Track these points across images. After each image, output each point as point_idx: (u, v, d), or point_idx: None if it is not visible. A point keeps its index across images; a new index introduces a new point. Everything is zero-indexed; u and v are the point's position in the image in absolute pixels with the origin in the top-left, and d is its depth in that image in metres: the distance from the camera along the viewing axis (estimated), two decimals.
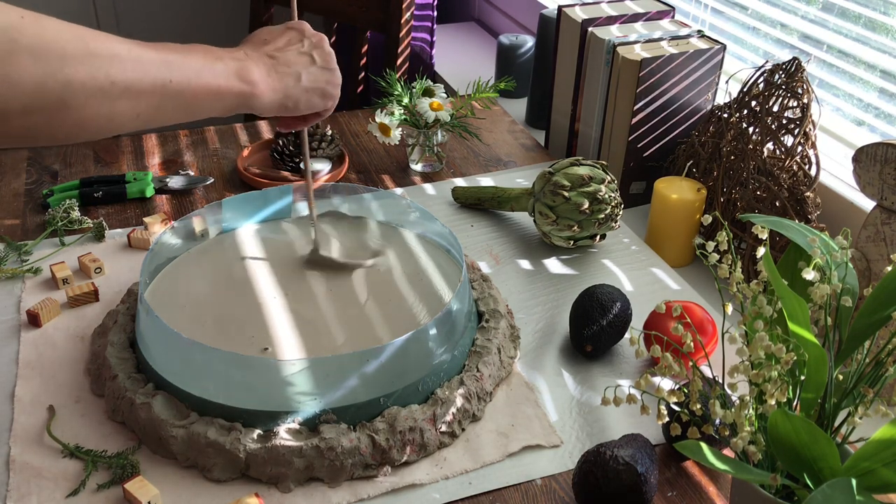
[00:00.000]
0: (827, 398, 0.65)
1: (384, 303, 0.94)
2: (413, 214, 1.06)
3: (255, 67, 0.76)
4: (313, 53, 0.82)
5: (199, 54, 0.72)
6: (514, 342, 0.95)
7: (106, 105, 0.63)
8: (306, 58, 0.81)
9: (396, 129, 1.25)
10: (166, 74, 0.67)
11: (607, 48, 1.21)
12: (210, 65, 0.72)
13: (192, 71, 0.70)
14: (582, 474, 0.74)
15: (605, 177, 1.09)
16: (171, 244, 1.00)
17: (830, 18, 1.19)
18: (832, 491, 0.54)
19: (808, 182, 1.06)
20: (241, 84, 0.74)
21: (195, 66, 0.71)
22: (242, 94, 0.75)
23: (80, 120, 0.63)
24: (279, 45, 0.81)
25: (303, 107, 0.82)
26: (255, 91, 0.76)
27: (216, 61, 0.73)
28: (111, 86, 0.63)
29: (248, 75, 0.75)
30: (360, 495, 0.77)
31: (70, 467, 0.79)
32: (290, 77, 0.80)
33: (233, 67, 0.74)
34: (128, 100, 0.65)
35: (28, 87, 0.58)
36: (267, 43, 0.81)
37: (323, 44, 0.84)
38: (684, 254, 1.14)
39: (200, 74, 0.71)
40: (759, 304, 0.64)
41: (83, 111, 0.62)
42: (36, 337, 0.95)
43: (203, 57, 0.72)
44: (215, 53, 0.74)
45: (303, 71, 0.81)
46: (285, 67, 0.79)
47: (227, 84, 0.73)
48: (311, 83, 0.81)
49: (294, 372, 0.80)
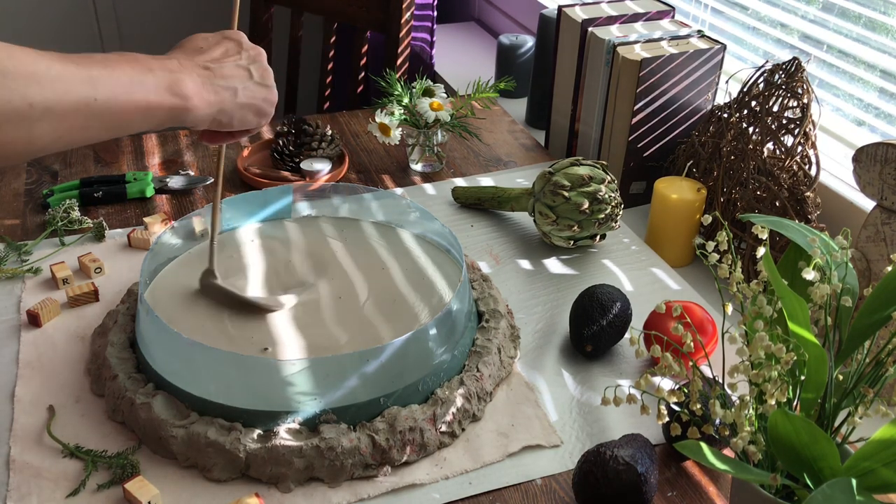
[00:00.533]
0: (827, 398, 0.65)
1: (384, 303, 0.94)
2: (413, 214, 1.06)
3: (189, 79, 0.72)
4: (251, 68, 0.78)
5: (126, 66, 0.67)
6: (514, 342, 0.95)
7: (23, 129, 0.59)
8: (244, 72, 0.77)
9: (396, 129, 1.25)
10: (90, 92, 0.63)
11: (607, 48, 1.21)
12: (139, 78, 0.67)
13: (119, 87, 0.65)
14: (582, 474, 0.74)
15: (605, 177, 1.09)
16: (171, 244, 1.00)
17: (830, 18, 1.19)
18: (832, 491, 0.54)
19: (808, 182, 1.06)
20: (174, 98, 0.70)
21: (123, 80, 0.66)
22: (175, 108, 0.70)
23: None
24: (215, 55, 0.76)
25: (236, 123, 0.78)
26: (188, 105, 0.71)
27: (146, 73, 0.68)
28: (29, 109, 0.59)
29: (181, 88, 0.70)
30: (360, 495, 0.77)
31: (70, 467, 0.79)
32: (226, 91, 0.75)
33: (164, 80, 0.69)
34: (49, 122, 0.61)
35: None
36: (202, 52, 0.76)
37: (261, 58, 0.80)
38: (684, 254, 1.14)
39: (129, 90, 0.66)
40: (759, 304, 0.64)
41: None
42: (36, 337, 0.95)
43: (131, 69, 0.67)
44: (145, 64, 0.69)
45: (239, 86, 0.76)
46: (221, 80, 0.75)
47: (157, 99, 0.69)
48: (247, 99, 0.77)
49: (294, 372, 0.80)
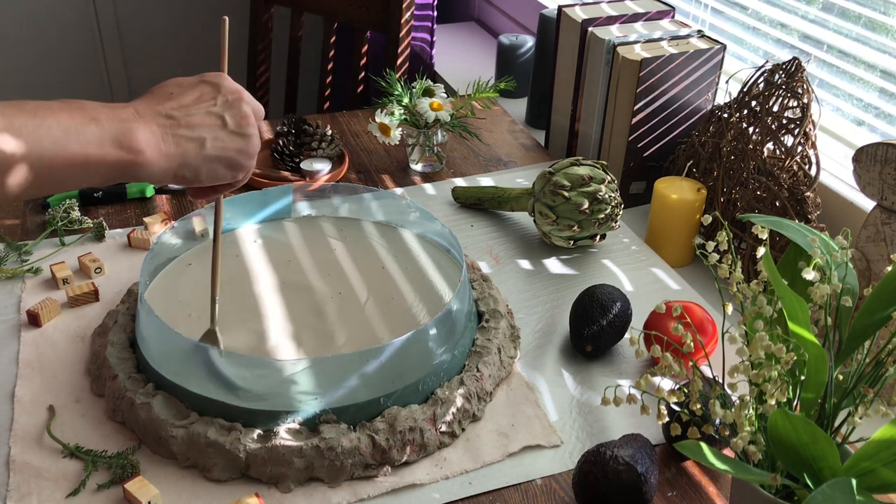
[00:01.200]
0: (827, 398, 0.65)
1: (384, 303, 0.94)
2: (413, 214, 1.06)
3: (144, 129, 0.65)
4: (226, 115, 0.70)
5: (63, 116, 0.60)
6: (514, 342, 0.95)
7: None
8: (216, 119, 0.69)
9: (396, 129, 1.25)
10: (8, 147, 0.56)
11: (607, 48, 1.22)
12: (77, 129, 0.60)
13: (48, 139, 0.58)
14: (582, 474, 0.74)
15: (605, 177, 1.09)
16: (171, 244, 1.00)
17: (830, 18, 1.19)
18: (832, 491, 0.54)
19: (808, 182, 1.06)
20: (119, 151, 0.63)
21: (55, 132, 0.59)
22: (121, 162, 0.63)
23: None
24: (185, 101, 0.69)
25: (203, 178, 0.70)
26: (138, 160, 0.64)
27: (87, 123, 0.61)
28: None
29: (131, 141, 0.63)
30: (360, 495, 0.77)
31: (70, 467, 0.79)
32: (190, 142, 0.68)
33: (110, 131, 0.62)
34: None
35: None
36: (171, 98, 0.68)
37: (240, 104, 0.71)
38: (684, 254, 1.14)
39: (61, 143, 0.59)
40: (759, 304, 0.64)
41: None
42: (36, 337, 0.95)
43: (69, 118, 0.60)
44: (91, 113, 0.62)
45: (208, 136, 0.68)
46: (186, 130, 0.67)
47: (98, 152, 0.61)
48: (216, 151, 0.69)
49: (294, 372, 0.80)
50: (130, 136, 0.64)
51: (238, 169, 0.72)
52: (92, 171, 0.62)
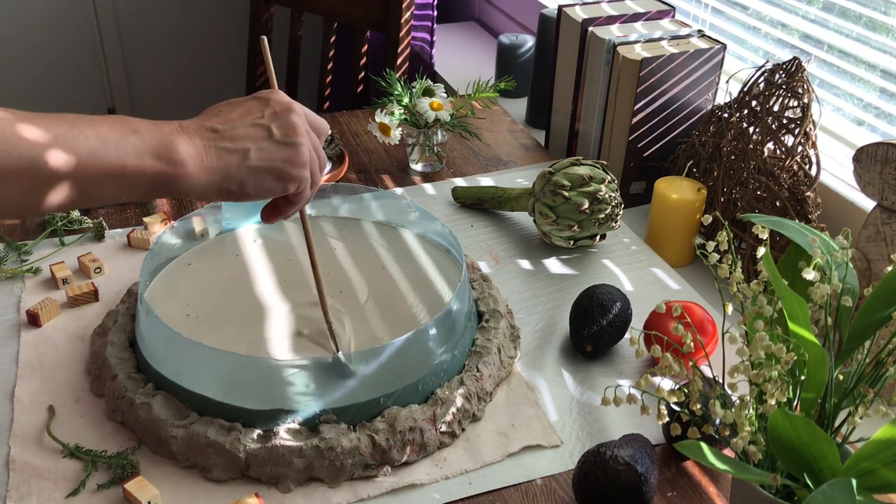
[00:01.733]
0: (827, 398, 0.65)
1: (384, 303, 0.94)
2: (413, 214, 1.06)
3: (186, 142, 0.63)
4: (272, 125, 0.67)
5: (104, 127, 0.59)
6: (514, 342, 0.95)
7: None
8: (261, 131, 0.67)
9: (396, 129, 1.25)
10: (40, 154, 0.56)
11: (607, 48, 1.21)
12: (117, 140, 0.59)
13: (84, 148, 0.57)
14: (582, 474, 0.74)
15: (605, 177, 1.09)
16: (171, 244, 1.00)
17: (831, 18, 1.19)
18: (832, 491, 0.54)
19: (808, 182, 1.06)
20: (158, 163, 0.61)
21: (92, 141, 0.58)
22: (161, 174, 0.62)
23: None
24: (232, 116, 0.67)
25: (251, 191, 0.67)
26: (179, 172, 0.62)
27: (128, 135, 0.60)
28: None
29: (171, 152, 0.62)
30: (360, 495, 0.77)
31: (70, 467, 0.79)
32: (233, 154, 0.65)
33: (150, 143, 0.61)
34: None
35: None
36: (219, 114, 0.67)
37: (289, 115, 0.69)
38: (684, 254, 1.14)
39: (97, 152, 0.58)
40: (759, 304, 0.64)
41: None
42: (36, 337, 0.95)
43: (109, 130, 0.60)
44: (132, 126, 0.61)
45: (252, 146, 0.66)
46: (229, 143, 0.65)
47: (136, 163, 0.60)
48: (261, 161, 0.66)
49: (294, 372, 0.80)
50: (171, 148, 0.62)
51: (287, 180, 0.69)
52: (130, 182, 0.61)
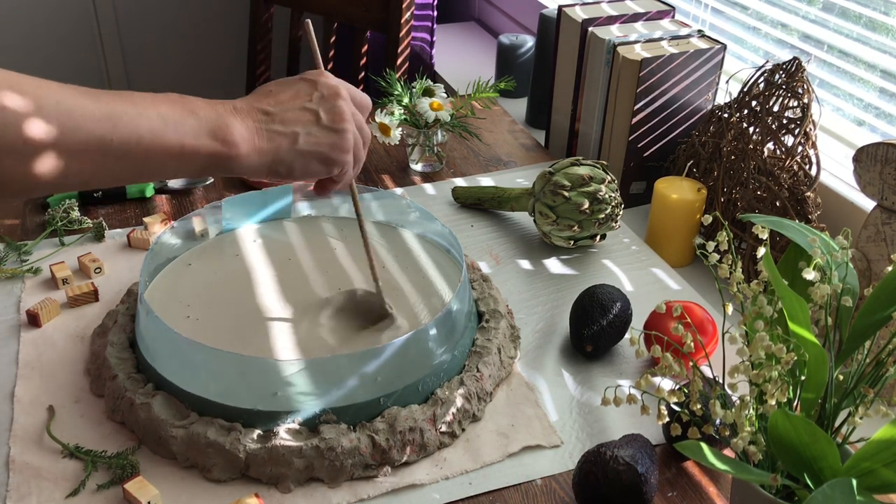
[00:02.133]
0: (827, 398, 0.65)
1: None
2: (413, 214, 1.06)
3: (240, 124, 0.66)
4: (320, 110, 0.70)
5: (164, 106, 0.62)
6: (514, 342, 0.95)
7: (20, 166, 0.56)
8: (310, 115, 0.70)
9: (396, 129, 1.25)
10: (107, 131, 0.58)
11: (607, 48, 1.21)
12: (177, 119, 0.62)
13: (146, 127, 0.60)
14: (582, 474, 0.74)
15: (605, 177, 1.09)
16: (171, 244, 1.00)
17: (831, 18, 1.19)
18: (832, 491, 0.54)
19: (808, 182, 1.06)
20: (215, 143, 0.64)
21: (154, 121, 0.61)
22: (216, 154, 0.64)
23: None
24: (282, 98, 0.70)
25: (298, 173, 0.71)
26: (233, 153, 0.65)
27: (187, 116, 0.63)
28: (23, 145, 0.55)
29: (226, 134, 0.64)
30: (360, 495, 0.77)
31: (70, 467, 0.79)
32: (283, 137, 0.68)
33: (208, 124, 0.64)
34: (52, 160, 0.57)
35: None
36: (269, 95, 0.70)
37: (336, 100, 0.71)
38: (684, 254, 1.14)
39: (159, 131, 0.61)
40: (759, 304, 0.64)
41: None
42: (36, 337, 0.95)
43: (169, 109, 0.62)
44: (190, 106, 0.64)
45: (301, 131, 0.69)
46: (280, 126, 0.68)
47: (194, 143, 0.63)
48: (309, 146, 0.70)
49: (294, 372, 0.80)
50: (226, 130, 0.65)
51: (332, 164, 0.72)
52: (187, 161, 0.63)
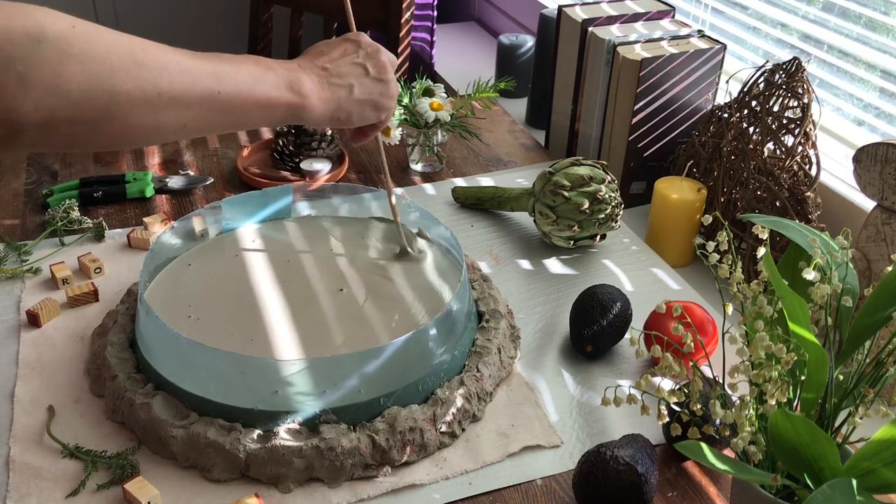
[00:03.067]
0: (827, 398, 0.65)
1: (384, 303, 0.94)
2: (413, 214, 1.06)
3: (307, 78, 0.76)
4: (367, 64, 0.81)
5: (249, 65, 0.72)
6: (515, 342, 0.95)
7: (151, 115, 0.63)
8: (360, 68, 0.80)
9: (396, 129, 1.25)
10: (215, 86, 0.67)
11: (607, 48, 1.21)
12: (261, 76, 0.72)
13: (242, 82, 0.70)
14: (582, 474, 0.74)
15: (605, 177, 1.09)
16: (171, 244, 1.00)
17: (831, 18, 1.19)
18: (832, 491, 0.54)
19: (808, 182, 1.06)
20: (292, 95, 0.74)
21: (246, 77, 0.70)
22: (293, 105, 0.75)
23: (124, 129, 0.63)
24: (333, 56, 0.80)
25: (355, 119, 0.81)
26: (305, 103, 0.75)
27: (267, 72, 0.73)
28: (157, 96, 0.63)
29: (300, 87, 0.75)
30: (360, 495, 0.77)
31: (70, 467, 0.79)
32: (342, 89, 0.79)
33: (284, 78, 0.74)
34: (174, 110, 0.65)
35: (75, 97, 0.58)
36: (322, 54, 0.80)
37: (378, 55, 0.82)
38: (684, 254, 1.14)
39: (251, 85, 0.70)
40: (759, 304, 0.64)
41: (127, 121, 0.62)
42: (36, 337, 0.95)
43: (254, 67, 0.72)
44: (267, 64, 0.73)
45: (355, 82, 0.80)
46: (337, 79, 0.79)
47: (277, 95, 0.73)
48: (363, 95, 0.80)
49: (294, 372, 0.80)
50: (299, 84, 0.75)
51: (382, 109, 0.83)
52: (270, 111, 0.73)
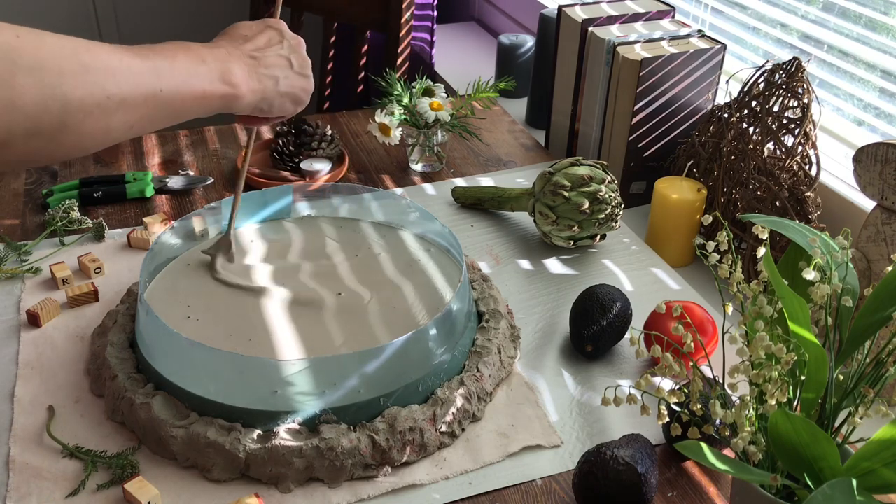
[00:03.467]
0: (827, 398, 0.65)
1: (384, 303, 0.94)
2: (413, 214, 1.06)
3: (238, 68, 0.75)
4: (291, 57, 0.81)
5: (182, 57, 0.70)
6: (514, 342, 0.95)
7: (103, 120, 0.63)
8: (285, 61, 0.81)
9: (396, 129, 1.25)
10: (157, 83, 0.66)
11: (607, 48, 1.21)
12: (195, 68, 0.71)
13: (179, 78, 0.69)
14: (582, 474, 0.74)
15: (605, 177, 1.09)
16: (171, 244, 1.00)
17: (831, 18, 1.19)
18: (832, 491, 0.54)
19: (808, 182, 1.06)
20: (225, 87, 0.74)
21: (182, 71, 0.69)
22: (226, 96, 0.74)
23: (79, 137, 0.62)
24: (259, 44, 0.80)
25: (276, 111, 0.82)
26: (237, 93, 0.75)
27: (200, 64, 0.72)
28: (107, 100, 0.62)
29: (231, 77, 0.74)
30: (360, 495, 0.77)
31: (70, 467, 0.79)
32: (269, 80, 0.79)
33: (216, 70, 0.73)
34: (123, 113, 0.64)
35: (30, 110, 0.57)
36: (247, 40, 0.79)
37: (300, 48, 0.83)
38: (684, 254, 1.14)
39: (188, 81, 0.70)
40: (759, 304, 0.64)
41: (82, 128, 0.61)
42: (36, 337, 0.95)
43: (187, 59, 0.71)
44: (199, 54, 0.72)
45: (281, 75, 0.80)
46: (265, 70, 0.78)
47: (212, 88, 0.72)
48: (287, 88, 0.81)
49: (294, 372, 0.80)
50: (231, 74, 0.74)
51: (299, 104, 0.84)
52: (206, 103, 0.72)
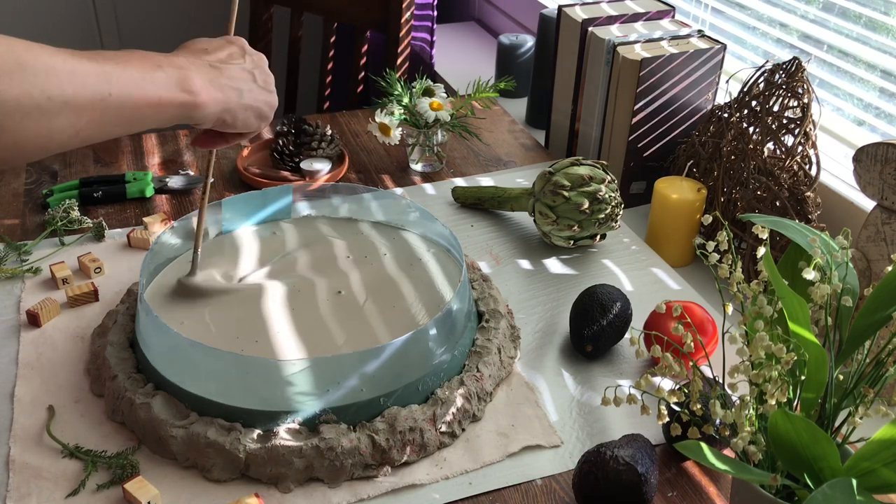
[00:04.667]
0: (827, 398, 0.65)
1: (384, 303, 0.94)
2: (413, 214, 1.06)
3: (197, 76, 0.73)
4: (255, 72, 0.80)
5: (137, 63, 0.68)
6: (514, 342, 0.95)
7: (43, 123, 0.60)
8: (248, 75, 0.79)
9: (396, 129, 1.25)
10: (105, 87, 0.64)
11: (607, 48, 1.21)
12: (150, 74, 0.68)
13: (132, 82, 0.66)
14: (582, 474, 0.74)
15: (605, 177, 1.09)
16: (171, 244, 1.00)
17: (831, 18, 1.19)
18: (832, 491, 0.54)
19: (808, 182, 1.06)
20: (183, 94, 0.71)
21: (135, 76, 0.67)
22: (185, 104, 0.72)
23: (17, 140, 0.59)
24: (221, 56, 0.78)
25: (240, 124, 0.79)
26: (197, 101, 0.72)
27: (155, 70, 0.69)
28: (48, 102, 0.59)
29: (190, 85, 0.72)
30: (360, 495, 0.77)
31: (70, 467, 0.79)
32: (232, 91, 0.77)
33: (174, 76, 0.70)
34: (66, 116, 0.61)
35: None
36: (207, 52, 0.78)
37: (263, 64, 0.82)
38: (684, 254, 1.14)
39: (141, 85, 0.67)
40: (759, 304, 0.64)
41: (20, 130, 0.59)
42: (36, 337, 0.95)
43: (141, 65, 0.68)
44: (154, 60, 0.70)
45: (245, 87, 0.78)
46: (227, 80, 0.76)
47: (168, 95, 0.70)
48: (251, 101, 0.79)
49: (294, 372, 0.80)
50: (189, 81, 0.72)
51: (263, 119, 0.82)
52: (162, 111, 0.70)
